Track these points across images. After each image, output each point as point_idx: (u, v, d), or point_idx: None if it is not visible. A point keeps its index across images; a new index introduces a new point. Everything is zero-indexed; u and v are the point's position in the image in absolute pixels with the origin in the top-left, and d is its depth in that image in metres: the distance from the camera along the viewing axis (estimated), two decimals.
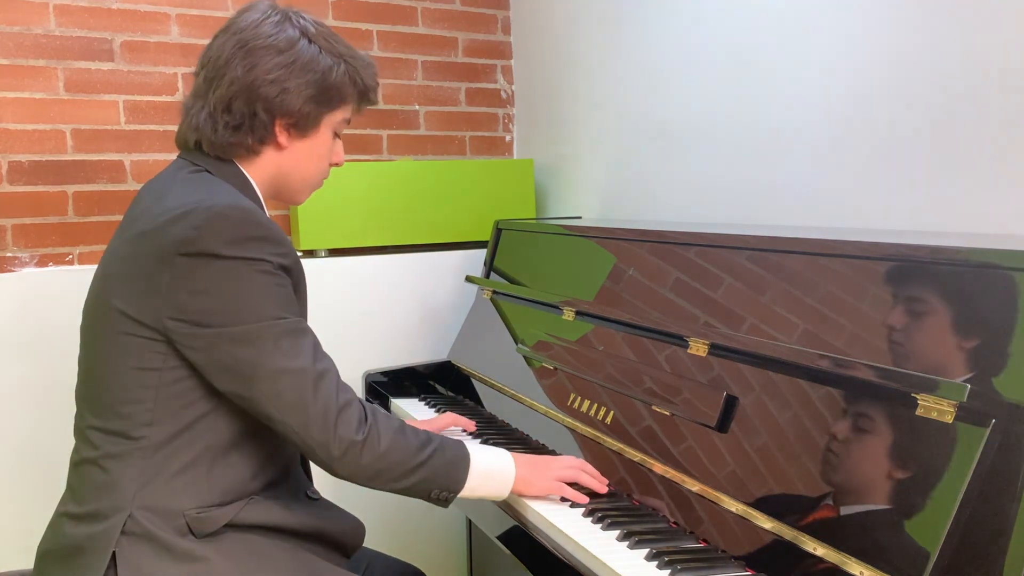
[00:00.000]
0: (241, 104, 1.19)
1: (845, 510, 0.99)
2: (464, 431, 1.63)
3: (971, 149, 1.36)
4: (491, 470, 1.25)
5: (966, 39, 1.35)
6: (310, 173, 1.29)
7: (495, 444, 1.59)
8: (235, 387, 1.12)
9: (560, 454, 1.51)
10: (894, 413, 0.97)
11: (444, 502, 1.23)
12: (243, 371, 1.10)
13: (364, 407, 1.17)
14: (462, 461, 1.22)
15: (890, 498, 0.94)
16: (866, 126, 1.54)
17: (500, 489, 1.27)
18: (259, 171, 1.25)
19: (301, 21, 1.23)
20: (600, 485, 1.32)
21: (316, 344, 1.16)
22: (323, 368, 1.14)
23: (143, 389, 1.12)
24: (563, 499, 1.29)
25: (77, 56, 2.17)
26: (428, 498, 1.22)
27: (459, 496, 1.23)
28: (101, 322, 1.16)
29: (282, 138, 1.23)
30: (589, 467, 1.34)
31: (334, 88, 1.23)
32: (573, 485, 1.30)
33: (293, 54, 1.20)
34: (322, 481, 1.42)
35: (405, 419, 1.62)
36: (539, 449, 1.57)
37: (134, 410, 1.13)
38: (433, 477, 1.19)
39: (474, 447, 1.26)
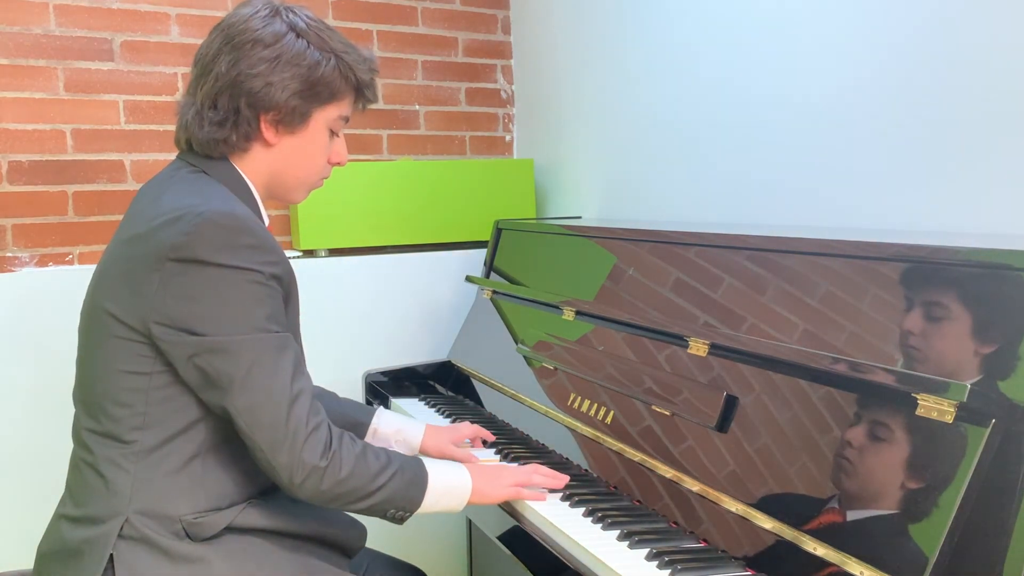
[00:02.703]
0: (226, 99, 1.18)
1: (845, 510, 0.99)
2: (484, 443, 1.61)
3: (973, 148, 1.36)
4: (448, 486, 1.25)
5: (967, 38, 1.35)
6: (304, 171, 1.26)
7: (494, 444, 1.59)
8: (211, 396, 1.10)
9: (560, 454, 1.52)
10: (894, 413, 0.97)
11: (400, 521, 1.22)
12: (220, 382, 1.08)
13: (331, 432, 1.14)
14: (420, 481, 1.21)
15: (890, 498, 0.94)
16: (867, 125, 1.54)
17: (456, 503, 1.26)
18: (253, 170, 1.23)
19: (291, 16, 1.20)
20: (556, 483, 1.32)
21: (297, 362, 1.14)
22: (299, 389, 1.12)
23: (133, 392, 1.12)
24: (557, 494, 1.31)
25: (77, 56, 2.16)
26: (384, 517, 1.21)
27: (416, 513, 1.23)
28: (94, 324, 1.16)
29: (269, 134, 1.21)
30: (543, 469, 1.34)
31: (322, 83, 1.20)
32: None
33: (278, 48, 1.17)
34: None
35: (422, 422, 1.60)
36: (539, 449, 1.57)
37: (125, 413, 1.12)
38: (391, 498, 1.18)
39: (432, 464, 1.25)
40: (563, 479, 1.33)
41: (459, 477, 1.27)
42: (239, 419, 1.09)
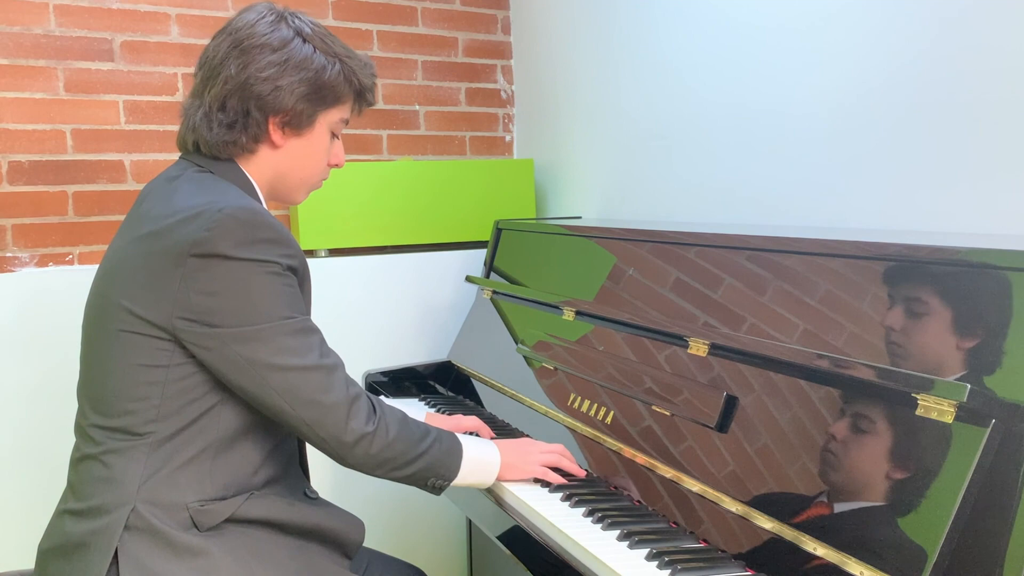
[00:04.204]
0: (235, 102, 1.21)
1: (845, 510, 0.99)
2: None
3: (971, 148, 1.36)
4: (480, 458, 1.32)
5: (965, 38, 1.35)
6: (308, 172, 1.30)
7: None
8: (247, 385, 1.13)
9: None
10: (894, 413, 0.97)
11: (438, 490, 1.28)
12: (255, 370, 1.12)
13: (371, 399, 1.21)
14: (456, 451, 1.28)
15: (890, 498, 0.94)
16: (865, 125, 1.54)
17: (487, 476, 1.33)
18: (258, 171, 1.26)
19: (296, 22, 1.24)
20: (578, 470, 1.39)
21: (323, 341, 1.19)
22: (332, 364, 1.17)
23: (149, 386, 1.13)
24: (543, 485, 1.35)
25: (77, 56, 2.17)
26: (424, 486, 1.27)
27: (452, 484, 1.29)
28: (105, 320, 1.17)
29: (276, 136, 1.24)
30: (568, 452, 1.42)
31: (328, 86, 1.24)
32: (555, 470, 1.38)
33: (286, 52, 1.21)
34: (320, 481, 1.42)
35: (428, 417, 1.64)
36: None
37: (139, 407, 1.13)
38: (432, 466, 1.25)
39: (464, 438, 1.32)
40: (581, 472, 1.40)
41: (489, 452, 1.34)
42: (281, 402, 1.13)
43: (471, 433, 1.62)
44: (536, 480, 1.37)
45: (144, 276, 1.13)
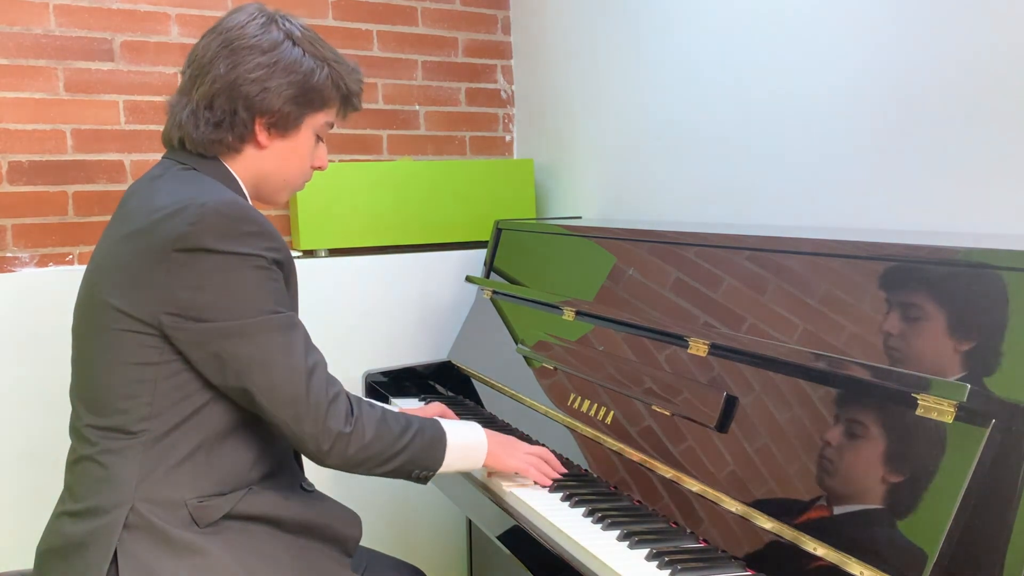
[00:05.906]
0: (223, 101, 1.21)
1: (845, 510, 0.99)
2: None
3: (972, 149, 1.36)
4: (466, 444, 1.31)
5: (963, 39, 1.35)
6: (291, 174, 1.31)
7: None
8: (229, 380, 1.13)
9: (558, 453, 1.51)
10: (894, 413, 0.97)
11: (423, 480, 1.28)
12: (237, 365, 1.12)
13: (350, 399, 1.20)
14: (440, 440, 1.28)
15: (890, 498, 0.94)
16: (865, 125, 1.54)
17: (474, 462, 1.33)
18: (243, 169, 1.27)
19: (287, 24, 1.25)
20: (556, 475, 1.39)
21: (307, 338, 1.18)
22: (314, 362, 1.17)
23: (141, 384, 1.13)
24: (557, 494, 1.31)
25: (77, 56, 2.16)
26: (409, 478, 1.27)
27: (438, 472, 1.29)
28: (95, 320, 1.17)
29: (262, 137, 1.25)
30: (553, 459, 1.41)
31: (316, 90, 1.25)
32: None
33: (276, 55, 1.22)
34: (317, 477, 1.42)
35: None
36: None
37: (132, 405, 1.14)
38: (414, 459, 1.25)
39: (448, 424, 1.31)
40: (562, 471, 1.41)
41: (476, 437, 1.34)
42: (261, 398, 1.13)
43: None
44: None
45: (130, 273, 1.13)
